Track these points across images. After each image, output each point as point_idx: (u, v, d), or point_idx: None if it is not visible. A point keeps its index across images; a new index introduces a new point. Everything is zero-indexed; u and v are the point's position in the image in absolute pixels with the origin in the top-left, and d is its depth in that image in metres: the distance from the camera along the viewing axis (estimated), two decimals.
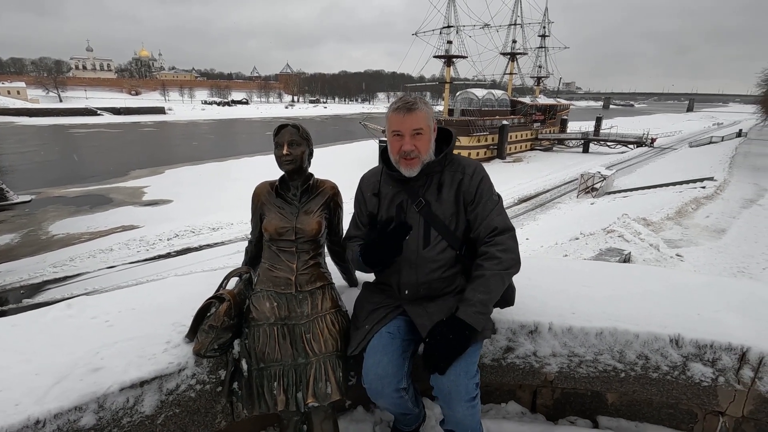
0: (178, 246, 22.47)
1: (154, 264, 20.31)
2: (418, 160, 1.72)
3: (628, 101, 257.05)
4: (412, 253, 1.78)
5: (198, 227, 25.01)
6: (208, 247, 22.33)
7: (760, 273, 13.29)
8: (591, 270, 2.51)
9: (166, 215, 28.04)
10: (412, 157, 1.71)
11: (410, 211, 1.79)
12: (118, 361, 1.57)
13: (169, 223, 25.88)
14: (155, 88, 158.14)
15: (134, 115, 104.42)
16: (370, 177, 1.94)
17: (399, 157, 1.73)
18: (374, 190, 1.87)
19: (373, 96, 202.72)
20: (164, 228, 24.84)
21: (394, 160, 1.76)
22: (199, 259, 20.72)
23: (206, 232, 24.48)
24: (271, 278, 1.78)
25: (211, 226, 25.02)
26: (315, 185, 1.90)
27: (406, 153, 1.71)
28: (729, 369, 1.85)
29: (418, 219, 1.77)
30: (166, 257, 21.35)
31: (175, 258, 21.15)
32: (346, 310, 1.85)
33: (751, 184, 27.96)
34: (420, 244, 1.77)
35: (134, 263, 20.33)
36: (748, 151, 46.05)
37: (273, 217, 1.81)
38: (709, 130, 79.67)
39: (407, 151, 1.70)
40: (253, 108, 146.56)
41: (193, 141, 67.71)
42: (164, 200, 31.99)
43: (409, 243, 1.76)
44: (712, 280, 2.43)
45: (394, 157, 1.75)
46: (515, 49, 64.09)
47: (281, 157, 1.79)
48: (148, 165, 45.18)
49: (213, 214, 26.87)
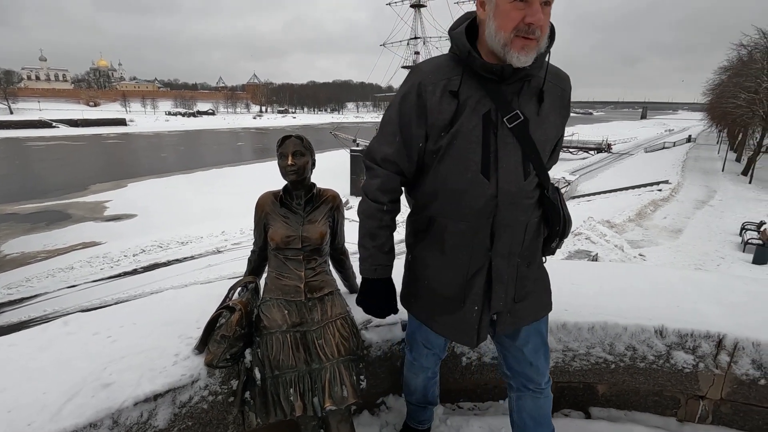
0: (144, 262, 21.61)
1: (120, 281, 19.46)
2: (536, 42, 1.17)
3: (587, 109, 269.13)
4: (512, 185, 1.30)
5: (165, 242, 24.16)
6: (177, 262, 21.61)
7: (715, 269, 14.19)
8: (578, 269, 2.66)
9: (130, 230, 26.97)
10: (536, 36, 1.16)
11: (501, 128, 1.26)
12: (129, 375, 1.55)
13: (134, 238, 24.88)
14: (115, 99, 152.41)
15: (93, 127, 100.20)
16: (438, 69, 1.30)
17: (513, 35, 1.15)
18: (452, 86, 1.26)
19: (342, 106, 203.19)
20: (129, 243, 23.85)
21: (501, 39, 1.17)
22: (168, 275, 20.00)
23: (174, 246, 23.68)
24: (280, 287, 1.80)
25: (180, 240, 24.24)
26: (318, 194, 1.95)
27: (531, 28, 1.14)
28: (708, 355, 2.01)
29: (511, 142, 1.27)
30: (132, 274, 20.49)
31: (142, 274, 20.33)
32: (353, 315, 1.89)
33: (702, 186, 29.88)
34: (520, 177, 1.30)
35: (98, 281, 19.40)
36: (698, 156, 49.23)
37: (279, 227, 1.84)
38: (661, 136, 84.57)
39: (534, 25, 1.14)
40: (220, 119, 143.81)
41: (161, 152, 65.75)
42: (128, 215, 30.78)
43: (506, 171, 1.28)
44: (688, 274, 2.62)
45: (504, 35, 1.16)
46: None
47: (286, 168, 1.83)
48: (110, 178, 43.41)
49: (181, 228, 26.05)
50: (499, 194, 1.28)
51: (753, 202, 24.52)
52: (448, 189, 1.34)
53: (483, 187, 1.29)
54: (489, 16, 1.19)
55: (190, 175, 45.42)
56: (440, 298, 1.45)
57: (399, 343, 2.05)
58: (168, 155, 63.13)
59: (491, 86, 1.25)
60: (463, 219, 1.34)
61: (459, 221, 1.34)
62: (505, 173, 1.28)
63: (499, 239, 1.34)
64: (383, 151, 1.40)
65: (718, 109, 50.56)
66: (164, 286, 18.79)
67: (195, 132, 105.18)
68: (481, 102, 1.25)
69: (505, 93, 1.25)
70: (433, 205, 1.39)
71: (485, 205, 1.30)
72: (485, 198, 1.29)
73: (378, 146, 1.42)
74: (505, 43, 1.17)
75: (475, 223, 1.33)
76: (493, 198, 1.29)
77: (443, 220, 1.37)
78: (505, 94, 1.25)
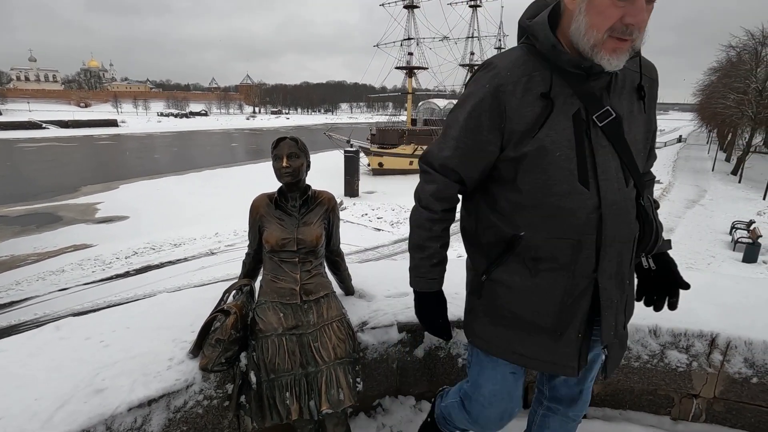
0: (137, 264, 21.40)
1: (112, 284, 19.24)
2: (631, 44, 1.04)
3: None
4: (615, 193, 1.14)
5: (158, 244, 23.95)
6: (170, 264, 21.42)
7: (706, 268, 14.35)
8: None
9: (122, 232, 26.70)
10: (633, 38, 1.03)
11: (594, 129, 1.12)
12: (123, 380, 1.53)
13: (126, 240, 24.63)
14: (106, 100, 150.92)
15: (84, 128, 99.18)
16: (516, 65, 1.13)
17: (606, 35, 1.02)
18: (537, 85, 1.11)
19: (336, 107, 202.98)
20: (121, 246, 23.61)
21: (592, 39, 1.03)
22: (161, 277, 19.83)
23: (168, 248, 23.48)
24: (276, 289, 1.79)
25: (173, 242, 24.04)
26: (313, 196, 1.94)
27: (630, 29, 1.01)
28: (701, 354, 2.03)
29: (605, 144, 1.13)
30: (124, 276, 20.27)
31: (134, 277, 20.12)
32: (349, 317, 1.88)
33: (693, 185, 30.22)
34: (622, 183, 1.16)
35: (89, 284, 19.17)
36: (688, 155, 49.79)
37: (274, 229, 1.83)
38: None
39: (634, 26, 1.00)
40: (213, 119, 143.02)
41: (153, 153, 65.34)
42: (120, 216, 30.46)
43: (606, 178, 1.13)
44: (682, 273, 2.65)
45: (596, 35, 1.02)
46: (473, 60, 66.33)
47: (281, 170, 1.82)
48: (101, 180, 42.97)
49: (175, 230, 25.85)
50: (603, 205, 1.12)
51: (742, 202, 24.84)
52: (539, 202, 1.15)
53: (582, 197, 1.11)
54: (580, 10, 1.03)
55: (182, 177, 45.10)
56: (529, 326, 1.25)
57: (395, 344, 2.04)
58: (160, 156, 62.66)
59: (578, 82, 1.10)
60: (560, 236, 1.14)
61: (555, 239, 1.15)
62: (606, 180, 1.12)
63: (605, 257, 1.15)
64: (443, 157, 1.24)
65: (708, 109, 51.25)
66: (157, 289, 18.63)
67: (188, 133, 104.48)
68: (568, 101, 1.11)
69: (593, 89, 1.11)
70: (517, 220, 1.19)
71: (587, 218, 1.12)
72: (586, 210, 1.12)
73: (438, 151, 1.26)
74: (596, 44, 1.03)
75: (575, 240, 1.14)
76: (596, 210, 1.12)
77: (533, 238, 1.17)
78: (594, 90, 1.11)
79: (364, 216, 30.09)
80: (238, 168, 50.29)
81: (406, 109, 57.49)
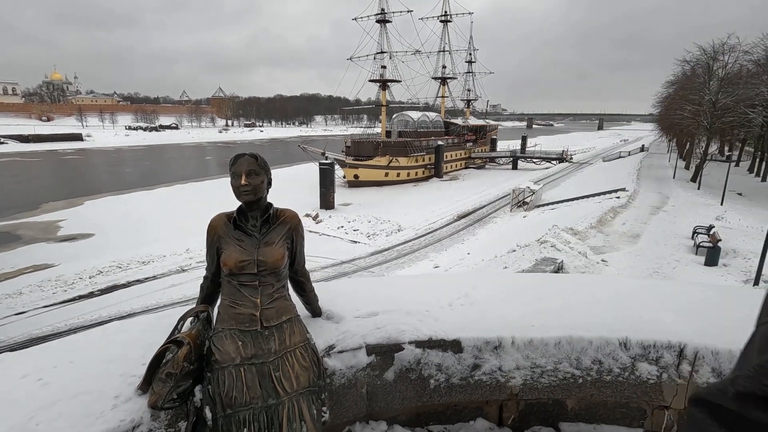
0: (102, 284, 20.47)
1: (74, 306, 18.32)
2: None
3: (548, 121, 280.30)
4: None
5: (125, 262, 23.02)
6: (137, 283, 20.59)
7: (671, 272, 14.85)
8: (543, 283, 2.67)
9: (86, 251, 25.56)
10: None
11: None
12: (60, 424, 1.38)
13: (90, 259, 23.57)
14: (70, 114, 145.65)
15: (45, 142, 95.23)
16: None
17: None
18: None
19: (311, 119, 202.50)
20: (85, 265, 22.57)
21: None
22: (128, 296, 19.01)
23: (135, 266, 22.58)
24: (234, 315, 1.67)
25: (141, 260, 23.15)
26: (275, 215, 1.84)
27: None
28: (670, 365, 2.04)
29: None
30: (88, 297, 19.34)
31: (99, 297, 19.23)
32: (314, 342, 1.79)
33: (656, 192, 31.49)
34: None
35: (49, 307, 18.18)
36: (651, 164, 52.00)
37: (232, 251, 1.72)
38: (617, 146, 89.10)
39: None
40: (184, 133, 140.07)
41: (121, 168, 63.45)
42: (84, 234, 29.22)
43: None
44: (648, 283, 2.68)
45: None
46: (445, 73, 67.65)
47: (239, 188, 1.72)
48: (64, 196, 41.19)
49: (143, 247, 24.93)
50: None
51: (702, 207, 26.03)
52: None
53: None
54: None
55: (152, 191, 43.75)
56: None
57: (364, 368, 1.96)
58: (128, 170, 60.73)
59: None
60: None
61: None
62: None
63: None
64: None
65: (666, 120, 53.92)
66: (124, 309, 17.81)
67: (158, 146, 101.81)
68: None
69: None
70: None
71: None
72: None
73: None
74: None
75: None
76: None
77: None
78: None
79: (340, 228, 29.88)
80: (211, 181, 49.17)
81: (381, 121, 57.91)
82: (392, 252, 25.09)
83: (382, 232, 29.12)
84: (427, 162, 52.66)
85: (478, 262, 18.77)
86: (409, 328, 2.05)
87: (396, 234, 28.67)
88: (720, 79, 33.95)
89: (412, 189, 46.65)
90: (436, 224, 30.70)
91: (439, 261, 21.90)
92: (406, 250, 25.17)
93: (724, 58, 34.46)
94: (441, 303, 2.31)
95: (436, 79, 67.31)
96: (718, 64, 34.98)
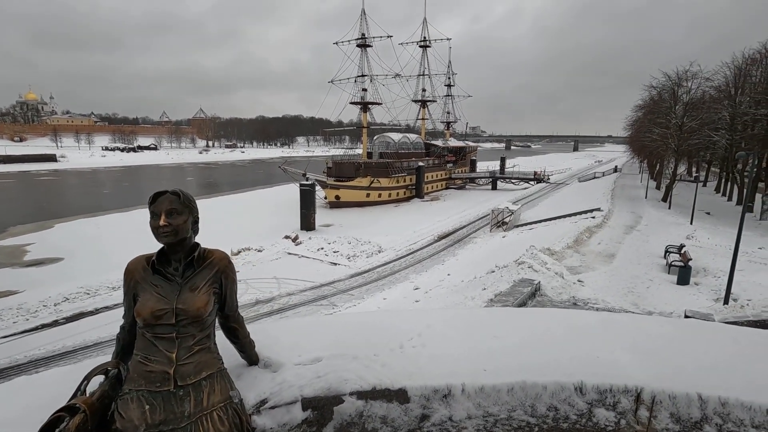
0: (67, 311, 19.52)
1: (36, 336, 17.36)
2: None
3: (526, 143, 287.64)
4: None
5: (94, 288, 22.08)
6: (106, 310, 19.69)
7: (645, 291, 15.04)
8: (500, 319, 2.56)
9: (53, 276, 24.46)
10: None
11: None
12: None
13: (56, 285, 22.53)
14: (45, 134, 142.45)
15: (16, 163, 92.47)
16: None
17: None
18: None
19: (293, 140, 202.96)
20: (51, 291, 21.54)
21: None
22: (95, 325, 18.12)
23: (104, 292, 21.67)
24: (144, 374, 1.49)
25: (111, 285, 22.23)
26: (201, 256, 1.69)
27: None
28: (628, 411, 1.93)
29: None
30: (52, 326, 18.37)
31: (64, 326, 18.27)
32: (241, 400, 1.61)
33: (629, 212, 32.30)
34: None
35: (8, 337, 17.16)
36: (624, 184, 53.58)
37: (148, 298, 1.56)
38: (592, 167, 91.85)
39: None
40: (163, 154, 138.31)
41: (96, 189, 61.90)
42: (52, 259, 28.07)
43: None
44: (605, 317, 2.60)
45: None
46: (425, 96, 69.10)
47: (158, 229, 1.57)
48: (33, 219, 39.71)
49: (113, 272, 23.92)
50: None
51: (673, 226, 26.75)
52: None
53: None
54: None
55: (126, 214, 42.55)
56: None
57: (299, 425, 1.78)
58: (103, 192, 59.22)
59: None
60: None
61: None
62: None
63: None
64: None
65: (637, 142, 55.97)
66: (89, 339, 16.94)
67: (135, 168, 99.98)
68: None
69: None
70: None
71: None
72: None
73: None
74: None
75: None
76: None
77: None
78: None
79: (320, 250, 29.49)
80: None
81: (362, 143, 58.35)
82: (372, 274, 24.83)
83: (362, 253, 28.86)
84: (408, 183, 53.10)
85: (458, 284, 18.66)
86: (352, 376, 1.90)
87: (377, 255, 28.46)
88: (684, 103, 35.58)
89: (393, 209, 46.74)
90: (416, 245, 30.65)
91: (419, 282, 21.71)
92: (387, 272, 24.95)
93: (687, 84, 36.24)
94: (392, 345, 2.17)
95: (416, 102, 68.62)
96: (682, 90, 36.73)
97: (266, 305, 19.90)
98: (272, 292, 21.30)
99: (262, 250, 29.16)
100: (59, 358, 15.39)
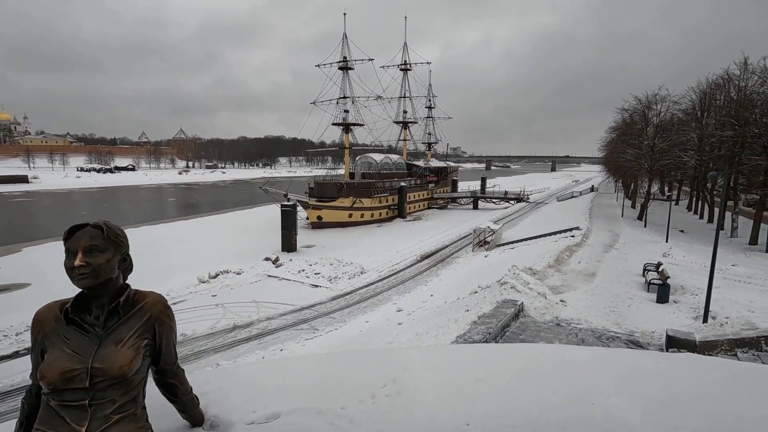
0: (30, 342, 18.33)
1: None
2: None
3: (505, 163, 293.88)
4: None
5: None
6: None
7: (626, 310, 15.05)
8: (484, 357, 2.33)
9: (18, 303, 23.08)
10: None
11: None
12: None
13: (21, 312, 21.14)
14: (16, 155, 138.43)
15: None
16: None
17: None
18: None
19: (275, 161, 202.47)
20: (13, 320, 20.25)
21: None
22: None
23: None
24: None
25: None
26: (130, 301, 1.42)
27: None
28: None
29: None
30: (12, 357, 17.21)
31: (24, 357, 17.11)
32: None
33: (607, 231, 32.86)
34: None
35: None
36: (601, 203, 54.82)
37: (57, 357, 1.27)
38: (570, 186, 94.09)
39: None
40: (142, 174, 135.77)
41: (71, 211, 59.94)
42: (18, 284, 26.62)
43: None
44: (596, 353, 2.40)
45: None
46: (406, 118, 70.11)
47: (72, 270, 1.31)
48: (1, 243, 37.90)
49: None
50: None
51: (650, 244, 27.25)
52: None
53: None
54: None
55: None
56: None
57: None
58: (77, 214, 57.24)
59: None
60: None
61: None
62: None
63: None
64: None
65: (612, 162, 57.69)
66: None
67: (111, 189, 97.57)
68: None
69: None
70: None
71: None
72: None
73: None
74: None
75: None
76: None
77: None
78: None
79: (301, 272, 28.87)
80: (167, 225, 47.07)
81: (345, 163, 58.46)
82: (355, 296, 24.36)
83: (344, 275, 28.37)
84: (391, 203, 53.16)
85: (441, 305, 18.37)
86: None
87: (359, 276, 28.02)
88: (655, 125, 36.98)
89: (376, 229, 46.50)
90: (399, 265, 30.36)
91: (402, 304, 21.34)
92: (369, 294, 24.51)
93: (657, 107, 37.78)
94: (362, 394, 1.91)
95: (397, 123, 69.50)
96: (652, 112, 38.23)
97: (244, 330, 19.16)
98: (251, 317, 20.58)
99: (241, 272, 28.38)
100: (17, 393, 14.33)
